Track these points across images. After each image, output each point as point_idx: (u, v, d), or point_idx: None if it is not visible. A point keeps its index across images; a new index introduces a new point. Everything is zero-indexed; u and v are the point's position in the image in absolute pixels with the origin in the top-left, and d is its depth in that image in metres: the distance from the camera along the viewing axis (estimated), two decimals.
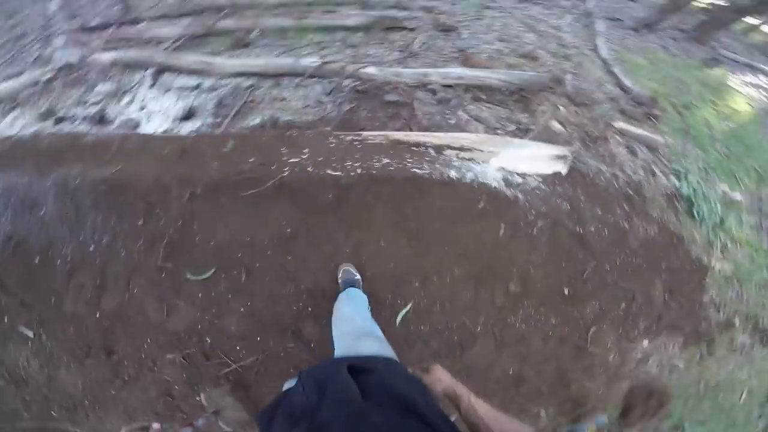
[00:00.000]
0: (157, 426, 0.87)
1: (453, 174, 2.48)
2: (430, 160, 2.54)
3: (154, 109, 3.21)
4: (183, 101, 3.25)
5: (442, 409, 0.78)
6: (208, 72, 3.50)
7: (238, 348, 2.12)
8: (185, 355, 2.07)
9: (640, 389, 2.54)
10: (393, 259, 2.30)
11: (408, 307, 2.26)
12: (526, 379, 2.36)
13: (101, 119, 3.08)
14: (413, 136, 2.70)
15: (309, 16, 4.27)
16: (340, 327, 1.47)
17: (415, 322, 2.27)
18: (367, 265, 2.27)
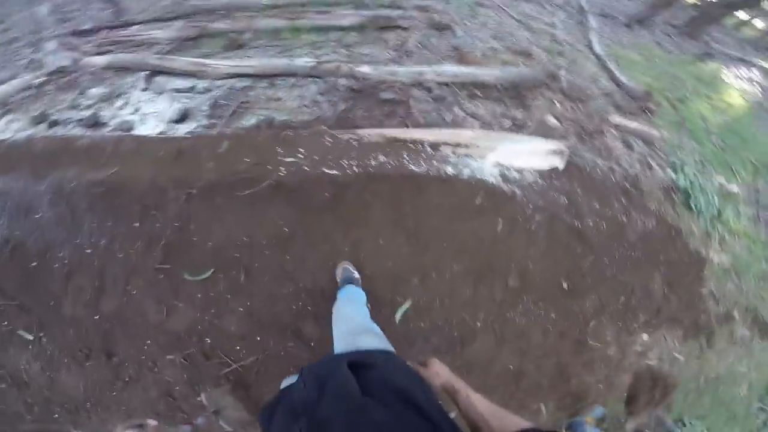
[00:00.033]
0: (153, 422, 0.87)
1: (450, 170, 2.48)
2: (426, 158, 2.54)
3: (149, 111, 3.19)
4: (177, 103, 3.23)
5: (441, 403, 0.78)
6: (202, 74, 3.48)
7: (238, 348, 2.12)
8: (185, 355, 2.07)
9: (645, 377, 2.54)
10: (391, 256, 2.30)
11: (407, 304, 2.26)
12: (527, 374, 2.36)
13: (95, 122, 3.06)
14: (409, 133, 2.70)
15: (303, 17, 4.26)
16: (340, 326, 1.47)
17: (415, 319, 2.27)
18: (366, 264, 2.26)
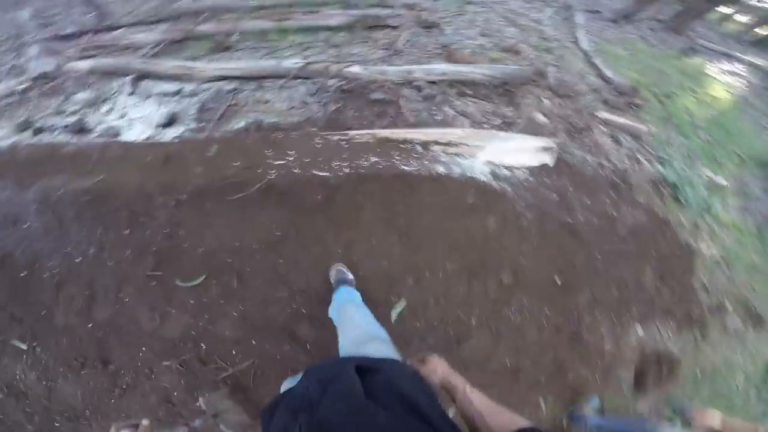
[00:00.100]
0: (146, 422, 0.86)
1: (441, 169, 2.49)
2: (417, 157, 2.54)
3: (135, 116, 3.14)
4: (164, 107, 3.20)
5: (441, 403, 0.78)
6: (189, 77, 3.44)
7: (234, 352, 2.09)
8: (182, 361, 2.04)
9: (650, 357, 2.55)
10: (385, 256, 2.29)
11: (402, 304, 2.26)
12: (524, 370, 2.36)
13: (81, 128, 3.00)
14: (400, 133, 2.70)
15: (290, 18, 4.24)
16: (348, 333, 1.45)
17: (411, 318, 2.26)
18: (359, 264, 2.26)
